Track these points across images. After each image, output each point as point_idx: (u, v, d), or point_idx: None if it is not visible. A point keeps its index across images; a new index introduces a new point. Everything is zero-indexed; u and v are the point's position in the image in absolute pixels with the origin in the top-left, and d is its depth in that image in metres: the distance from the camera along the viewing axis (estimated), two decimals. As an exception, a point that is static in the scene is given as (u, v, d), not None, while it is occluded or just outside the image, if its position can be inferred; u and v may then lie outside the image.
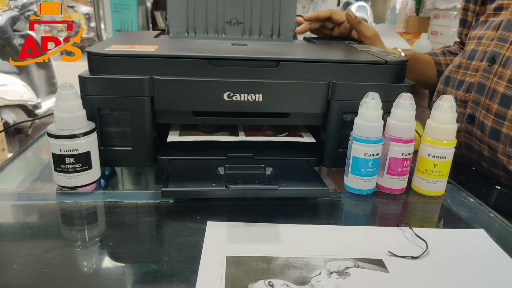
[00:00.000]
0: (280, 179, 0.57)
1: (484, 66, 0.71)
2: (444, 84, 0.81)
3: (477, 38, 0.76)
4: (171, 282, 0.41)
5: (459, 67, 0.78)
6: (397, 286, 0.41)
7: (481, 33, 0.76)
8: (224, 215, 0.52)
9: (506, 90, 0.66)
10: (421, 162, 0.59)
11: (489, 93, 0.69)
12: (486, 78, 0.70)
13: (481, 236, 0.51)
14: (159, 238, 0.50)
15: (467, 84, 0.74)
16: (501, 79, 0.67)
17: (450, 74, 0.80)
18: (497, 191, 0.72)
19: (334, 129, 0.62)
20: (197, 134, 0.65)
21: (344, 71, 0.60)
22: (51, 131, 0.54)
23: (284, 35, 0.86)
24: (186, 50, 0.63)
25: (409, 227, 0.51)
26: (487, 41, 0.73)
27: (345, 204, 0.59)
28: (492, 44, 0.71)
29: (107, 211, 0.54)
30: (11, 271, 0.41)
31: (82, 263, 0.44)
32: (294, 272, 0.42)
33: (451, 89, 0.78)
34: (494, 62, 0.69)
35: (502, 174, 0.70)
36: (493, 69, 0.69)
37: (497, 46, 0.70)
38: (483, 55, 0.72)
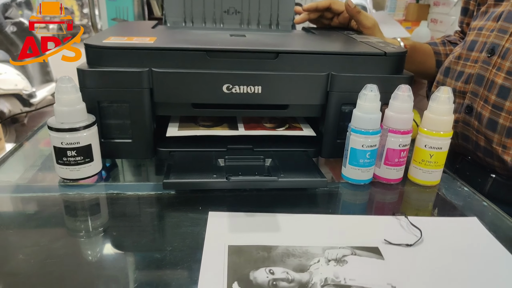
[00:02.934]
0: (279, 170, 0.58)
1: (484, 58, 0.71)
2: (443, 75, 0.81)
3: (477, 29, 0.77)
4: (175, 271, 0.42)
5: (459, 58, 0.78)
6: (392, 272, 0.42)
7: (482, 24, 0.76)
8: (225, 206, 0.53)
9: (504, 82, 0.67)
10: (417, 153, 0.60)
11: (488, 84, 0.70)
12: (485, 70, 0.70)
13: (474, 224, 0.53)
14: (162, 228, 0.51)
15: (466, 75, 0.75)
16: (500, 70, 0.68)
17: (449, 65, 0.80)
18: (492, 179, 0.73)
19: (332, 121, 0.63)
20: (196, 128, 0.65)
21: (343, 62, 0.60)
22: (51, 124, 0.54)
23: (283, 24, 0.86)
24: (184, 42, 0.63)
25: (405, 216, 0.52)
26: (487, 32, 0.73)
27: (343, 194, 0.60)
28: (492, 35, 0.71)
29: (109, 202, 0.55)
30: (18, 261, 0.42)
31: (88, 252, 0.45)
32: (294, 260, 0.43)
33: (450, 80, 0.79)
34: (493, 54, 0.70)
35: (497, 164, 0.71)
36: (492, 60, 0.69)
37: (497, 37, 0.70)
38: (483, 46, 0.73)
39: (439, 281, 0.42)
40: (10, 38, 2.87)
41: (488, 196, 0.60)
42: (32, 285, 0.40)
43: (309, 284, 0.40)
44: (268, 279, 0.40)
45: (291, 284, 0.40)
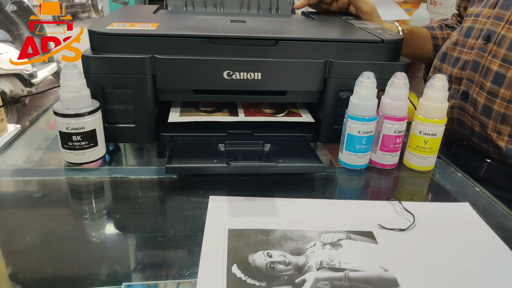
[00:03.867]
0: (278, 155, 0.60)
1: (480, 44, 0.72)
2: (440, 60, 0.82)
3: (474, 15, 0.77)
4: (177, 253, 0.44)
5: (455, 44, 0.79)
6: (385, 256, 0.45)
7: (478, 11, 0.76)
8: (225, 190, 0.55)
9: (500, 69, 0.68)
10: (412, 139, 0.62)
11: (483, 71, 0.71)
12: (481, 56, 0.71)
13: (466, 209, 0.55)
14: (164, 212, 0.53)
15: (462, 61, 0.76)
16: (495, 57, 0.69)
17: (446, 51, 0.81)
18: (486, 164, 0.75)
19: (330, 107, 0.64)
20: (197, 114, 0.67)
21: (341, 49, 0.61)
22: (57, 110, 0.56)
23: (283, 9, 0.86)
24: (186, 28, 0.64)
25: (398, 201, 0.54)
26: (483, 19, 0.74)
27: (339, 178, 0.62)
28: (489, 22, 0.72)
29: (113, 186, 0.57)
30: (28, 244, 0.45)
31: (92, 234, 0.48)
32: (291, 243, 0.46)
33: (447, 66, 0.80)
34: (489, 41, 0.70)
35: (491, 149, 0.73)
36: (488, 47, 0.70)
37: (493, 24, 0.71)
38: (479, 33, 0.74)
39: (430, 265, 0.44)
40: (10, 17, 2.85)
41: (483, 180, 0.61)
42: (40, 265, 0.42)
43: (305, 267, 0.42)
44: (266, 261, 0.42)
45: (288, 267, 0.42)
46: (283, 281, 0.40)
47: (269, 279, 0.40)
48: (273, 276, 0.41)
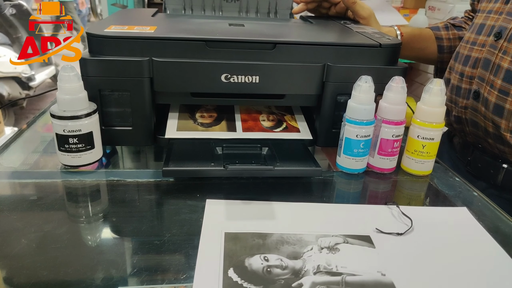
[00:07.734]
0: (275, 159, 0.60)
1: (491, 41, 0.70)
2: (454, 59, 0.80)
3: (486, 12, 0.75)
4: (173, 257, 0.44)
5: (467, 42, 0.77)
6: (383, 260, 0.44)
7: (491, 7, 0.74)
8: (222, 193, 0.55)
9: (510, 66, 0.66)
10: (410, 143, 0.62)
11: (494, 69, 0.68)
12: (492, 54, 0.69)
13: (463, 214, 0.54)
14: (161, 215, 0.53)
15: (473, 59, 0.74)
16: (506, 54, 0.67)
17: (459, 49, 0.79)
18: (504, 170, 0.72)
19: (328, 110, 0.64)
20: (195, 128, 0.65)
21: (339, 53, 0.61)
22: (54, 112, 0.55)
23: (281, 13, 0.86)
24: (184, 31, 0.64)
25: (396, 205, 0.54)
26: (495, 15, 0.72)
27: (337, 182, 0.62)
28: (501, 18, 0.70)
29: (110, 189, 0.57)
30: (23, 247, 0.44)
31: (88, 238, 0.47)
32: (288, 247, 0.45)
33: (458, 65, 0.78)
34: (500, 37, 0.68)
35: (507, 150, 0.70)
36: (498, 44, 0.68)
37: (505, 20, 0.68)
38: (491, 30, 0.71)
39: (428, 270, 0.44)
40: (9, 20, 2.85)
41: (501, 187, 0.59)
42: (35, 268, 0.41)
43: (302, 271, 0.42)
44: (262, 265, 0.42)
45: (285, 271, 0.42)
46: (279, 285, 0.40)
47: (266, 283, 0.40)
48: (269, 280, 0.40)
